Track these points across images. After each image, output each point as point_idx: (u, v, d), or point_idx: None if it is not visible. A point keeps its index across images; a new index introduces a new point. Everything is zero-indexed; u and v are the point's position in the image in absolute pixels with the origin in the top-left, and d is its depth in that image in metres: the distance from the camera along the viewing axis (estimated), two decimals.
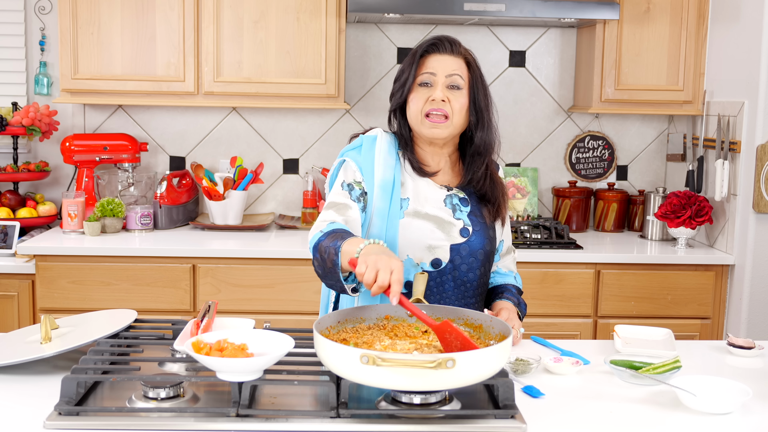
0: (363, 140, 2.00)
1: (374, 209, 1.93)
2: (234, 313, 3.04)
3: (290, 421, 1.45)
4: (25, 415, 1.48)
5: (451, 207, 1.97)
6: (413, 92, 1.94)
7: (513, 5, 3.14)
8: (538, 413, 1.55)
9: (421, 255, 1.93)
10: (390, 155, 1.97)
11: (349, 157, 1.99)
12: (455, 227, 1.95)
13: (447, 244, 1.94)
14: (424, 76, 1.93)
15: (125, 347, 1.76)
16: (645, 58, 3.42)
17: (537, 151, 3.80)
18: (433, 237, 1.93)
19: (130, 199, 3.54)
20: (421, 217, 1.94)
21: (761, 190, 3.07)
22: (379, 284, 1.57)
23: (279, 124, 3.73)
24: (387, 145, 1.99)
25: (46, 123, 3.47)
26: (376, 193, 1.93)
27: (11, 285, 3.12)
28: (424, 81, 1.93)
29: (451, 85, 1.92)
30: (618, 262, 3.22)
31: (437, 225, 1.94)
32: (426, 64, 1.94)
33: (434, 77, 1.92)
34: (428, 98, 1.92)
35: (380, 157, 1.96)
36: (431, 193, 1.97)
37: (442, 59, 1.94)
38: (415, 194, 1.96)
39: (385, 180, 1.94)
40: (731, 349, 1.99)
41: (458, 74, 1.92)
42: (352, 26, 3.67)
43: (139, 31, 3.29)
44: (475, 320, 1.71)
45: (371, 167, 1.96)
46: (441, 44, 1.95)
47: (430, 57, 1.95)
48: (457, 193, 2.00)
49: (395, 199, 1.93)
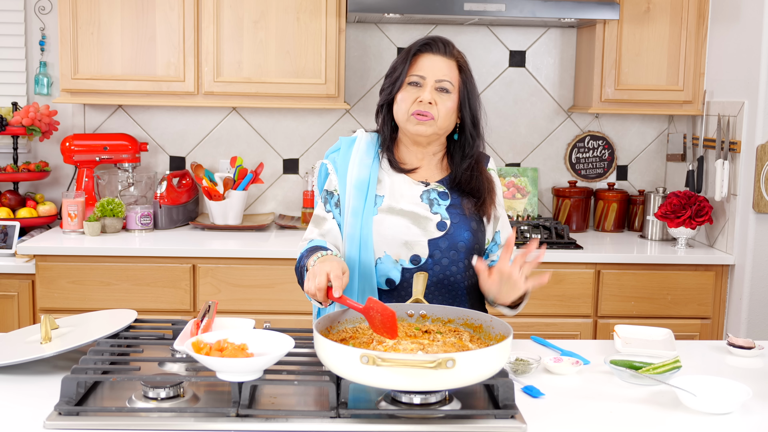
0: (342, 142, 2.07)
1: (348, 208, 1.96)
2: (234, 313, 3.04)
3: (290, 421, 1.45)
4: (25, 415, 1.48)
5: (428, 202, 1.98)
6: (403, 90, 1.96)
7: (513, 5, 3.14)
8: (538, 413, 1.55)
9: (398, 251, 1.93)
10: (367, 154, 2.01)
11: (328, 160, 2.06)
12: (431, 222, 1.95)
13: (424, 240, 1.94)
14: (414, 76, 1.95)
15: (125, 347, 1.76)
16: (645, 58, 3.42)
17: (537, 151, 3.80)
18: (409, 233, 1.93)
19: (130, 199, 3.54)
20: (395, 213, 1.95)
21: (761, 190, 3.07)
22: (317, 287, 1.68)
23: (279, 124, 3.73)
24: (365, 145, 2.03)
25: (46, 123, 3.47)
26: (350, 193, 1.97)
27: (11, 285, 3.12)
28: (413, 81, 1.95)
29: (440, 88, 1.94)
30: (618, 262, 3.22)
31: (412, 221, 1.94)
32: (418, 64, 1.95)
33: (424, 79, 1.94)
34: (416, 99, 1.93)
35: (356, 156, 2.01)
36: (407, 189, 1.99)
37: (435, 60, 1.95)
38: (390, 191, 1.98)
39: (359, 179, 1.97)
40: (731, 349, 1.99)
41: (447, 79, 1.94)
42: (352, 26, 3.67)
43: (139, 31, 3.29)
44: (475, 320, 1.71)
45: (345, 168, 2.01)
46: (434, 44, 1.96)
47: (423, 56, 1.96)
48: (435, 188, 2.00)
49: (370, 197, 1.96)
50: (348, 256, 1.95)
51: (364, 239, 1.93)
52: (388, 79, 2.00)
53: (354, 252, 1.94)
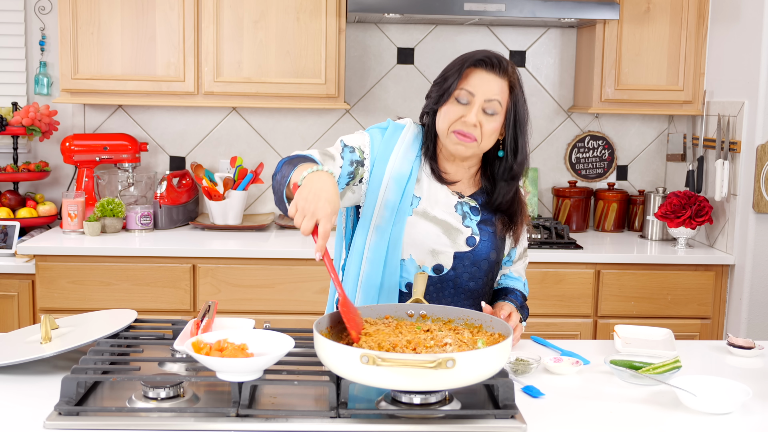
0: (390, 125, 1.97)
1: (382, 201, 1.89)
2: (234, 313, 3.04)
3: (290, 421, 1.45)
4: (25, 415, 1.48)
5: (462, 214, 1.94)
6: (448, 104, 1.88)
7: (513, 5, 3.14)
8: (538, 413, 1.55)
9: (423, 258, 1.91)
10: (412, 149, 1.94)
11: (369, 133, 1.95)
12: (462, 235, 1.92)
13: (451, 251, 1.91)
14: (462, 92, 1.86)
15: (125, 347, 1.76)
16: (645, 58, 3.42)
17: (537, 151, 3.80)
18: (438, 242, 1.90)
19: (130, 199, 3.54)
20: (429, 219, 1.91)
21: (761, 190, 3.07)
22: (303, 232, 1.56)
23: (279, 124, 3.73)
24: (412, 137, 1.95)
25: (46, 123, 3.47)
26: (389, 185, 1.89)
27: (11, 285, 3.12)
28: (461, 97, 1.87)
29: (488, 109, 1.86)
30: (618, 262, 3.22)
31: (444, 230, 1.91)
32: (469, 80, 1.87)
33: (473, 97, 1.86)
34: (461, 117, 1.86)
35: (401, 147, 1.92)
36: (443, 197, 1.94)
37: (487, 78, 1.86)
38: (427, 194, 1.93)
39: (400, 172, 1.90)
40: (731, 349, 1.99)
41: (497, 99, 1.86)
42: (352, 26, 3.67)
43: (139, 31, 3.29)
44: (475, 320, 1.71)
45: (388, 154, 1.92)
46: (489, 61, 1.87)
47: (476, 72, 1.87)
48: (468, 201, 1.96)
49: (407, 195, 1.90)
50: (373, 248, 1.88)
51: (395, 237, 1.88)
52: (436, 88, 1.91)
53: (382, 246, 1.88)
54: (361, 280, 1.91)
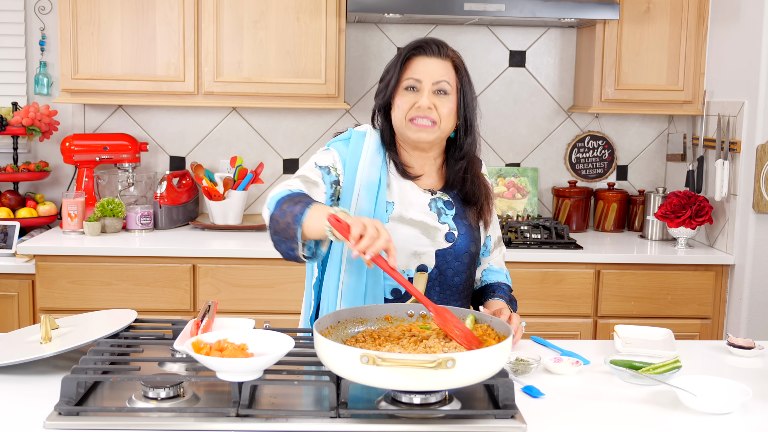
0: (352, 134, 1.96)
1: (357, 210, 1.88)
2: (234, 313, 3.04)
3: (290, 421, 1.45)
4: (25, 415, 1.48)
5: (436, 211, 1.93)
6: (398, 95, 1.89)
7: (513, 5, 3.14)
8: (538, 413, 1.55)
9: (406, 261, 1.90)
10: (378, 155, 1.94)
11: (334, 148, 1.95)
12: (440, 232, 1.92)
13: (432, 250, 1.91)
14: (409, 80, 1.88)
15: (125, 347, 1.76)
16: (645, 58, 3.42)
17: (537, 151, 3.80)
18: (419, 243, 1.90)
19: (130, 199, 3.54)
20: (405, 222, 1.90)
21: (761, 190, 3.07)
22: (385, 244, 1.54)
23: (279, 124, 3.73)
24: (376, 144, 1.95)
25: (46, 123, 3.47)
26: (360, 194, 1.89)
27: (11, 285, 3.12)
28: (409, 85, 1.88)
29: (438, 90, 1.88)
30: (618, 262, 3.22)
31: (422, 231, 1.90)
32: (412, 68, 1.89)
33: (420, 83, 1.87)
34: (414, 104, 1.87)
35: (367, 155, 1.92)
36: (416, 197, 1.94)
37: (429, 63, 1.89)
38: (400, 198, 1.92)
39: (370, 181, 1.90)
40: (731, 349, 1.99)
41: (445, 80, 1.88)
42: (352, 26, 3.67)
43: (139, 31, 3.30)
44: (478, 320, 1.71)
45: (356, 164, 1.91)
46: (428, 47, 1.89)
47: (417, 59, 1.89)
48: (441, 197, 1.96)
49: (380, 202, 1.89)
50: (351, 259, 1.89)
51: None
52: (382, 83, 1.93)
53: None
54: (342, 291, 1.90)
